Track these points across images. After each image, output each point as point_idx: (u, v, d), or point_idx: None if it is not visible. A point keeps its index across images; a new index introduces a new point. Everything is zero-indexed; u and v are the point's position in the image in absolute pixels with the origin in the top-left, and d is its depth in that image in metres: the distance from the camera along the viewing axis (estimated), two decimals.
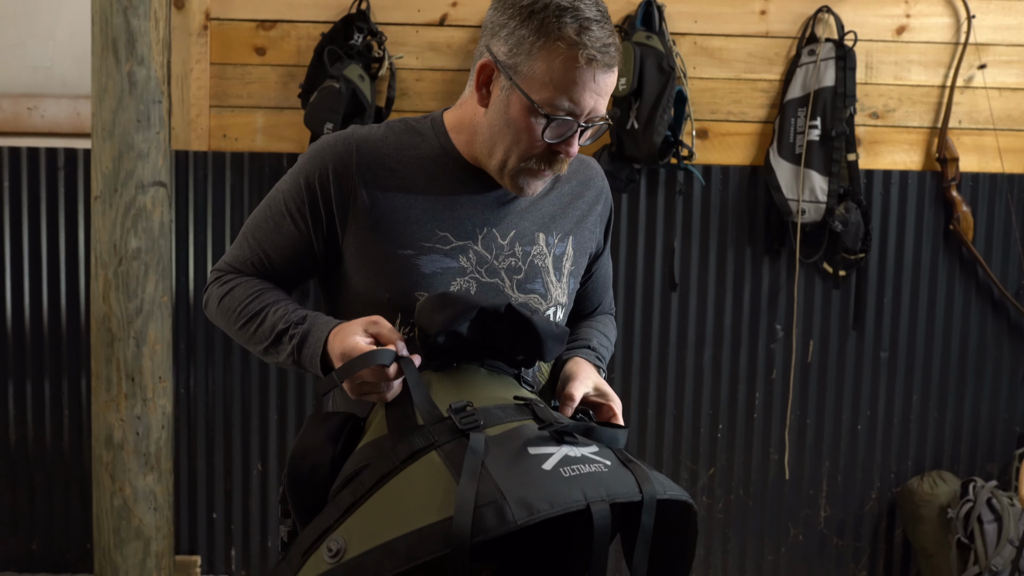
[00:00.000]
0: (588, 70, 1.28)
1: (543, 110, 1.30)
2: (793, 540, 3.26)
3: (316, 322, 1.34)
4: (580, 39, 1.27)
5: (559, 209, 1.49)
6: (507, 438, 1.11)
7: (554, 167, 1.37)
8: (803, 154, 3.01)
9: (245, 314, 1.42)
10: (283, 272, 1.47)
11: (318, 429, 1.25)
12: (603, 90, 1.31)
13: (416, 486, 1.08)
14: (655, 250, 3.15)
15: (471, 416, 1.13)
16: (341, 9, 3.05)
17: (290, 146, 3.08)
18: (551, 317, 1.47)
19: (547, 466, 1.06)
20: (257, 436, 3.15)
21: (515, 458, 1.07)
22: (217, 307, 1.47)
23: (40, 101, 3.11)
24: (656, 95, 2.89)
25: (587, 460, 1.09)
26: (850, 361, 3.21)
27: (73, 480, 3.15)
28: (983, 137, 3.17)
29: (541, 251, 1.45)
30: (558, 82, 1.29)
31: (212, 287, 1.50)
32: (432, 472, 1.08)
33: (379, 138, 1.42)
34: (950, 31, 3.14)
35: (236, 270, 1.49)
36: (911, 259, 3.19)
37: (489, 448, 1.08)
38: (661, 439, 3.21)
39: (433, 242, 1.39)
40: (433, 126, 1.45)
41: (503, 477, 1.03)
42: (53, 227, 3.09)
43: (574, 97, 1.29)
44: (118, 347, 2.75)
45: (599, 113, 1.33)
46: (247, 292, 1.44)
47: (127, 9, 2.67)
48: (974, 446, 3.26)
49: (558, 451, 1.09)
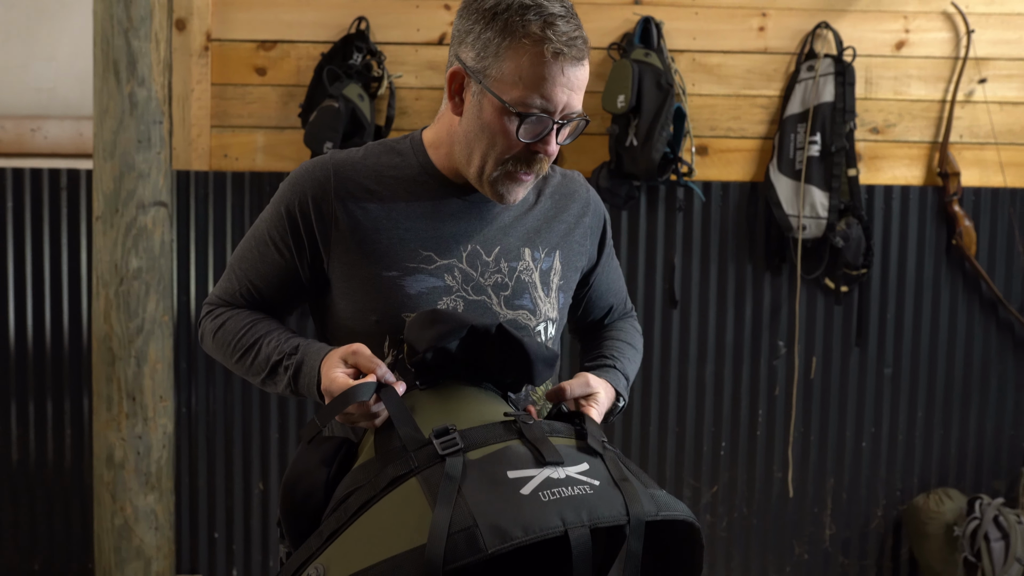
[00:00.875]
0: (556, 64, 1.28)
1: (515, 109, 1.29)
2: (798, 558, 3.23)
3: (308, 351, 1.35)
4: (545, 34, 1.27)
5: (543, 223, 1.48)
6: (488, 462, 1.09)
7: (533, 168, 1.36)
8: (803, 170, 3.00)
9: (240, 347, 1.43)
10: (272, 301, 1.48)
11: (312, 454, 1.25)
12: (574, 84, 1.31)
13: (394, 513, 1.07)
14: (655, 267, 3.14)
15: (452, 440, 1.11)
16: (340, 29, 3.07)
17: (290, 165, 3.10)
18: (542, 333, 1.46)
19: (526, 490, 1.03)
20: (258, 455, 3.15)
21: (493, 483, 1.05)
22: (212, 341, 1.48)
23: (43, 122, 3.13)
24: (655, 112, 2.90)
25: (571, 482, 1.06)
26: (853, 377, 3.19)
27: (75, 499, 3.15)
28: (984, 151, 3.16)
29: (527, 266, 1.44)
30: (527, 80, 1.28)
31: (204, 321, 1.51)
32: (410, 499, 1.07)
33: (357, 161, 1.42)
34: (950, 46, 3.14)
35: (226, 303, 1.50)
36: (913, 274, 3.17)
37: (467, 472, 1.06)
38: (663, 456, 3.19)
39: (417, 262, 1.39)
40: (412, 145, 1.45)
41: (478, 503, 1.02)
42: (56, 247, 3.11)
43: (545, 93, 1.29)
44: (119, 366, 2.75)
45: (574, 109, 1.32)
46: (239, 325, 1.45)
47: (128, 31, 2.70)
48: (980, 463, 3.23)
49: (539, 473, 1.06)
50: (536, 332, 1.45)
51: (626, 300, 1.72)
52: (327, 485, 1.21)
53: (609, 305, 1.66)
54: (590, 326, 1.68)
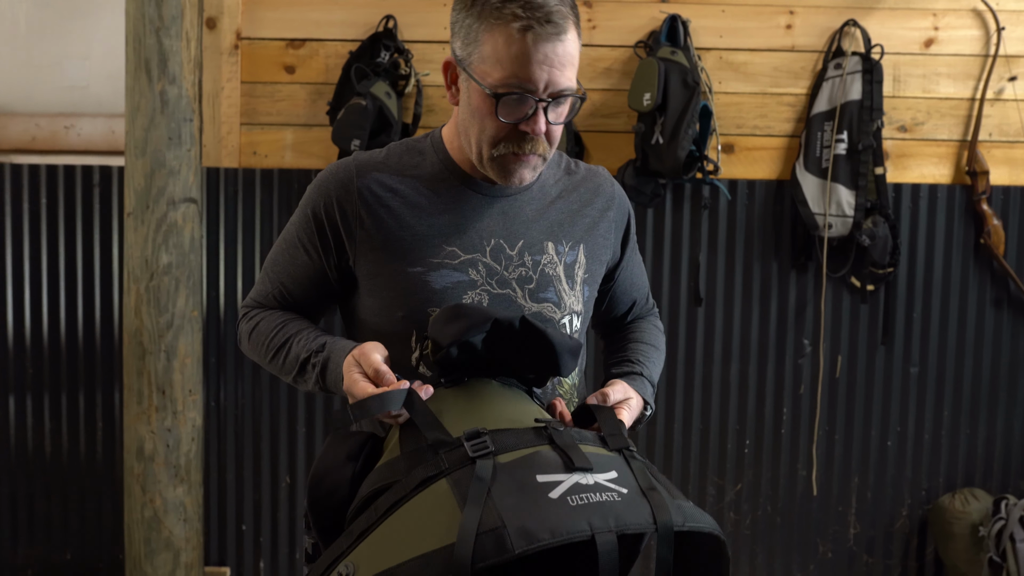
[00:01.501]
0: (528, 41, 1.28)
1: (491, 91, 1.31)
2: (822, 557, 3.22)
3: (334, 348, 1.37)
4: (516, 12, 1.28)
5: (567, 217, 1.49)
6: (518, 465, 1.09)
7: (526, 149, 1.35)
8: (830, 168, 2.99)
9: (272, 347, 1.46)
10: (304, 302, 1.52)
11: (339, 449, 1.26)
12: (553, 60, 1.29)
13: (424, 513, 1.08)
14: (680, 265, 3.15)
15: (483, 443, 1.12)
16: (368, 27, 3.09)
17: (319, 162, 3.13)
18: (567, 326, 1.47)
19: (554, 494, 1.04)
20: (285, 448, 3.18)
21: (522, 486, 1.05)
22: (248, 342, 1.53)
23: (76, 120, 3.18)
24: (681, 110, 2.90)
25: (600, 488, 1.06)
26: (879, 376, 3.18)
27: (105, 491, 3.20)
28: (1014, 149, 3.14)
29: (551, 260, 1.46)
30: (503, 60, 1.29)
31: (241, 324, 1.55)
32: (440, 500, 1.08)
33: (380, 161, 1.45)
34: (979, 43, 3.12)
35: (260, 305, 1.54)
36: (941, 273, 3.15)
37: (497, 475, 1.07)
38: (688, 454, 3.20)
39: (441, 258, 1.41)
40: (432, 143, 1.48)
41: (507, 505, 1.03)
42: (88, 243, 3.16)
43: (520, 72, 1.29)
44: (149, 360, 2.80)
45: (560, 86, 1.31)
46: (271, 325, 1.48)
47: (159, 30, 2.73)
48: (1007, 463, 3.21)
49: (568, 479, 1.06)
50: (561, 325, 1.46)
51: (648, 296, 1.72)
52: (352, 481, 1.23)
53: (632, 300, 1.67)
54: (613, 322, 1.69)
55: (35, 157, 3.18)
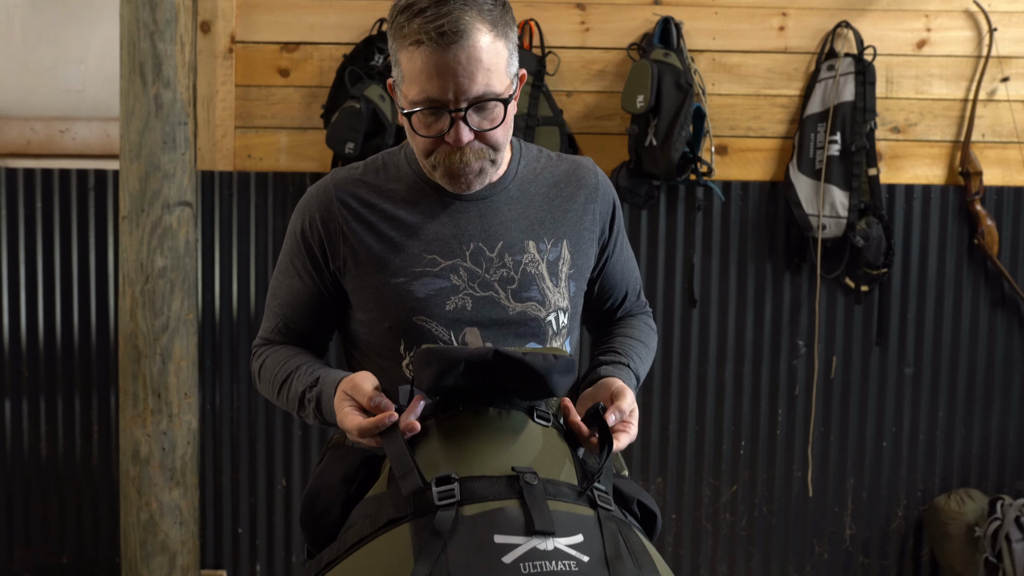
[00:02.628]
0: (423, 55, 1.28)
1: (404, 110, 1.33)
2: (818, 558, 3.22)
3: (326, 381, 1.38)
4: (414, 28, 1.28)
5: (548, 214, 1.49)
6: (479, 522, 1.07)
7: (454, 159, 1.36)
8: (823, 169, 3.00)
9: (276, 383, 1.48)
10: (307, 331, 1.54)
11: (335, 469, 1.28)
12: (456, 69, 1.28)
13: (383, 557, 1.09)
14: (675, 266, 3.15)
15: (450, 491, 1.10)
16: (363, 31, 3.10)
17: (313, 165, 3.14)
18: (553, 323, 1.46)
19: (508, 559, 1.02)
20: (281, 451, 3.19)
21: (479, 546, 1.04)
22: (259, 381, 1.54)
23: (72, 124, 3.19)
24: (674, 112, 2.91)
25: (558, 555, 1.03)
26: (874, 377, 3.18)
27: (102, 494, 3.21)
28: (1007, 150, 3.14)
29: (533, 258, 1.46)
30: (412, 78, 1.31)
31: (252, 363, 1.57)
32: (399, 545, 1.08)
33: (357, 177, 1.47)
34: (972, 44, 3.12)
35: (268, 341, 1.56)
36: (935, 274, 3.16)
37: (457, 529, 1.06)
38: (683, 456, 3.20)
39: (423, 266, 1.42)
40: (406, 154, 1.49)
41: (459, 564, 1.02)
42: (83, 246, 3.17)
43: (427, 87, 1.30)
44: (144, 364, 2.80)
45: (473, 93, 1.30)
46: (275, 362, 1.50)
47: (154, 33, 2.74)
48: (1002, 463, 3.21)
49: (527, 543, 1.03)
50: (547, 322, 1.46)
51: (640, 293, 1.71)
52: (345, 504, 1.25)
53: (623, 293, 1.66)
54: (603, 315, 1.67)
55: (30, 161, 3.18)
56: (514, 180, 1.49)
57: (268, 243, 3.14)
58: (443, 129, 1.33)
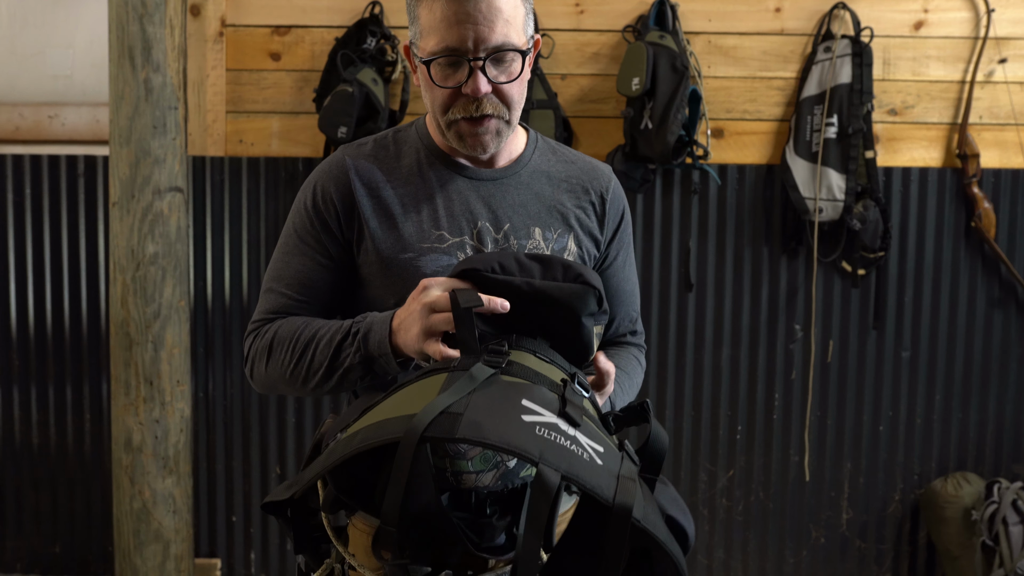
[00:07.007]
0: (444, 3, 1.30)
1: (424, 59, 1.34)
2: (815, 542, 3.22)
3: (374, 315, 1.34)
4: None
5: (557, 206, 1.48)
6: (513, 387, 1.08)
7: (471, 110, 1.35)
8: (820, 152, 2.98)
9: (300, 342, 1.37)
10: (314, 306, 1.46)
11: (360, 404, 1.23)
12: (476, 17, 1.30)
13: (413, 393, 1.11)
14: (671, 250, 3.13)
15: (498, 354, 1.13)
16: (355, 14, 3.06)
17: (305, 150, 3.10)
18: None
19: (527, 418, 1.02)
20: (275, 439, 3.17)
21: (504, 400, 1.05)
22: (267, 357, 1.42)
23: (60, 109, 3.15)
24: (670, 94, 2.88)
25: (576, 442, 1.01)
26: (870, 361, 3.17)
27: (94, 483, 3.18)
28: (1004, 132, 3.12)
29: (538, 245, 1.45)
30: (432, 28, 1.32)
31: (253, 343, 1.46)
32: (431, 384, 1.10)
33: (368, 153, 1.47)
34: (969, 25, 3.10)
35: (269, 320, 1.46)
36: (932, 257, 3.14)
37: (491, 384, 1.07)
38: (679, 441, 3.18)
39: (431, 242, 1.41)
40: (416, 130, 1.50)
41: (478, 405, 1.02)
42: (74, 233, 3.13)
43: (447, 35, 1.31)
44: (136, 351, 2.77)
45: (492, 42, 1.31)
46: (294, 326, 1.40)
47: (143, 17, 2.70)
48: (999, 446, 3.20)
49: (550, 418, 1.03)
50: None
51: (637, 320, 1.66)
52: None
53: (616, 311, 1.60)
54: None
55: (19, 147, 3.15)
56: (526, 167, 1.49)
57: (260, 229, 3.11)
58: (461, 80, 1.33)
